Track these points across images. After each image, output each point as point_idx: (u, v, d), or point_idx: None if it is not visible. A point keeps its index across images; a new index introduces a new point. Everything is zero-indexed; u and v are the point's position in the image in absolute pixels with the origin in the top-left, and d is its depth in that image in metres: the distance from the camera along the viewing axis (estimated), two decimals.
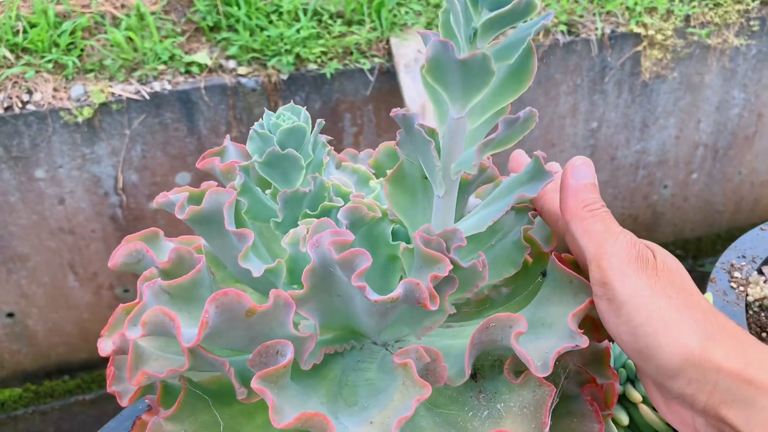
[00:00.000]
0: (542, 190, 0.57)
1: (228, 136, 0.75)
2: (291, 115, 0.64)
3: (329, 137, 0.69)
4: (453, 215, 0.59)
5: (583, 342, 0.54)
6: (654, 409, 0.73)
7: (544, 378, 0.56)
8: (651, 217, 3.26)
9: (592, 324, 0.62)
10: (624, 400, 0.75)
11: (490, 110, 0.53)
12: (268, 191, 0.69)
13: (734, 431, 0.45)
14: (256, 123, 0.64)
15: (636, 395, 0.72)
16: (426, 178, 0.60)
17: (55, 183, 2.46)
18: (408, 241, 0.61)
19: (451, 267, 0.52)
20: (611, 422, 0.68)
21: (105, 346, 0.59)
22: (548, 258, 0.67)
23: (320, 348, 0.59)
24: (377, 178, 0.77)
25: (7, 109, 2.35)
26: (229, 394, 0.62)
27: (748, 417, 0.44)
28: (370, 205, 0.60)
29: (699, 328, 0.47)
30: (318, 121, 0.64)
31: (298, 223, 0.63)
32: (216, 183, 0.64)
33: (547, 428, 0.54)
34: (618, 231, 0.52)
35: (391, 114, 0.54)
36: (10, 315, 2.65)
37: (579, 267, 0.66)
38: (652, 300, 0.48)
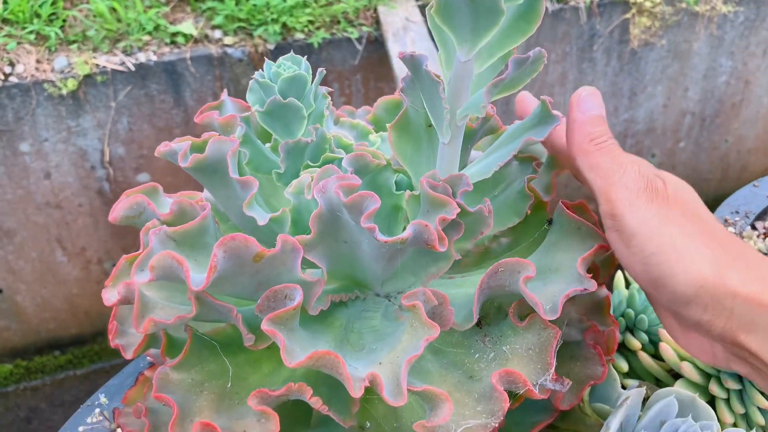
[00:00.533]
0: None
1: (225, 90, 0.74)
2: (292, 65, 0.63)
3: (329, 89, 0.68)
4: (458, 163, 0.59)
5: (592, 286, 0.54)
6: (652, 355, 0.74)
7: (548, 321, 0.57)
8: None
9: (593, 270, 0.63)
10: (623, 349, 0.76)
11: (498, 53, 0.52)
12: (268, 144, 0.68)
13: (753, 356, 0.46)
14: (256, 73, 0.63)
15: (635, 343, 0.73)
16: (431, 126, 0.60)
17: (40, 157, 2.43)
18: (412, 191, 0.61)
19: (459, 210, 0.52)
20: (612, 368, 0.68)
21: (110, 296, 0.58)
22: (547, 207, 0.67)
23: (327, 295, 0.59)
24: (376, 132, 0.77)
25: None
26: (234, 344, 0.63)
27: (766, 342, 0.44)
28: (374, 153, 0.59)
29: (713, 254, 0.46)
30: (319, 70, 0.64)
31: (300, 174, 0.63)
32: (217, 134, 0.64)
33: (553, 368, 0.54)
34: (626, 162, 0.52)
35: (398, 56, 0.53)
36: None
37: (586, 213, 0.66)
38: (663, 229, 0.48)
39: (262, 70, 0.63)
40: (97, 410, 0.71)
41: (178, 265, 0.50)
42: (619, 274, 0.82)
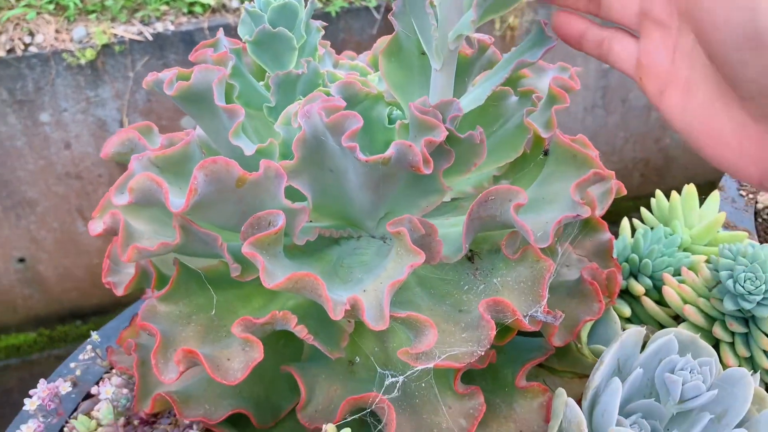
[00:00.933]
0: None
1: (221, 29, 0.73)
2: None
3: (324, 23, 0.67)
4: (451, 92, 0.57)
5: (585, 212, 0.52)
6: (656, 302, 0.72)
7: (542, 254, 0.55)
8: (662, 161, 3.21)
9: (589, 204, 0.61)
10: (626, 295, 0.74)
11: None
12: (261, 83, 0.67)
13: None
14: (246, 2, 0.62)
15: (639, 288, 0.71)
16: (424, 53, 0.58)
17: (60, 127, 2.45)
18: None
19: (446, 133, 0.51)
20: (613, 310, 0.66)
21: (95, 227, 0.58)
22: (546, 144, 0.65)
23: (315, 228, 0.58)
24: (375, 73, 0.75)
25: (9, 51, 2.33)
26: (225, 280, 0.62)
27: None
28: (364, 82, 0.58)
29: None
30: (311, 0, 0.62)
31: None
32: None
33: (545, 300, 0.53)
34: None
35: None
36: (21, 260, 2.67)
37: (587, 147, 0.64)
38: None
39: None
40: (89, 347, 0.70)
41: (157, 186, 0.49)
42: (624, 220, 0.80)
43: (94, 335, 0.70)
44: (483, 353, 0.50)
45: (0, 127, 2.46)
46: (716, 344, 0.66)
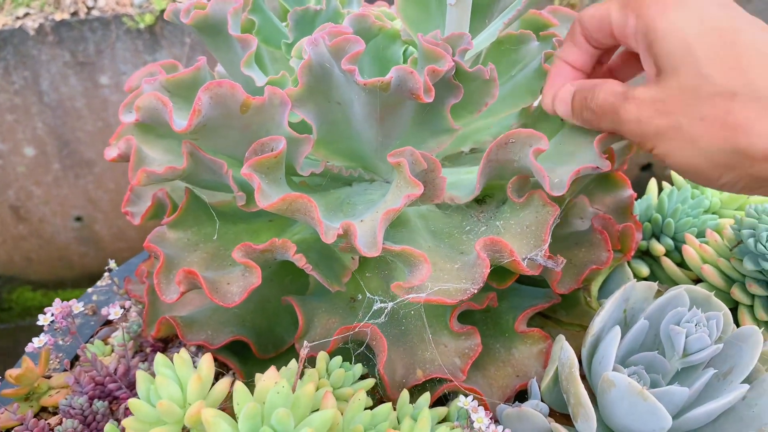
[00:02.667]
0: None
1: None
2: None
3: None
4: (467, 28, 0.56)
5: (605, 165, 0.51)
6: (678, 264, 0.69)
7: (549, 199, 0.54)
8: None
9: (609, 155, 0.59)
10: (646, 256, 0.71)
11: None
12: (285, 24, 0.67)
13: None
14: None
15: (659, 247, 0.69)
16: None
17: (119, 90, 2.52)
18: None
19: (453, 65, 0.50)
20: (627, 267, 0.64)
21: (110, 152, 0.59)
22: None
23: (321, 161, 0.58)
24: None
25: (73, 14, 2.40)
26: (234, 214, 0.63)
27: None
28: (378, 15, 0.57)
29: None
30: None
31: None
32: None
33: (546, 244, 0.51)
34: None
35: None
36: (79, 219, 2.77)
37: None
38: None
39: None
40: (106, 274, 0.72)
41: (162, 105, 0.50)
42: (652, 181, 0.77)
43: (112, 263, 0.72)
44: (477, 291, 0.49)
45: (62, 88, 2.55)
46: (735, 307, 0.64)
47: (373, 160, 0.61)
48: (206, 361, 0.45)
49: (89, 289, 0.74)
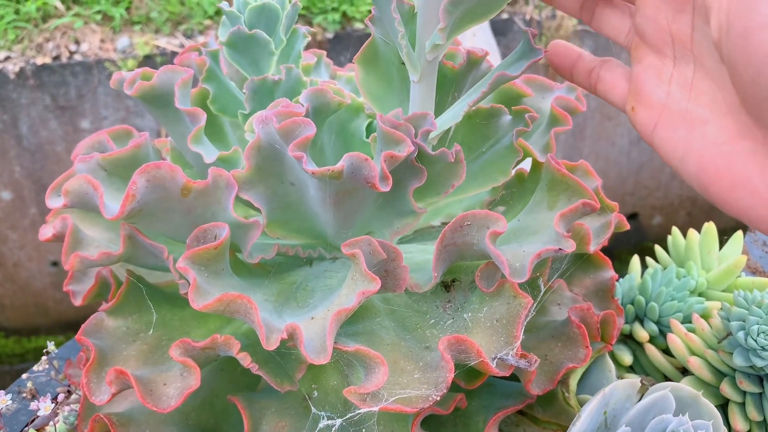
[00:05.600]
0: None
1: (214, 33, 0.69)
2: None
3: (311, 29, 0.63)
4: (432, 105, 0.52)
5: (569, 246, 0.46)
6: (663, 351, 0.64)
7: (520, 289, 0.49)
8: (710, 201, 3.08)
9: (582, 238, 0.55)
10: (629, 340, 0.67)
11: None
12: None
13: None
14: (224, 2, 0.58)
15: (642, 333, 0.64)
16: (404, 63, 0.53)
17: None
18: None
19: (413, 149, 0.45)
20: (608, 358, 0.59)
21: (45, 231, 0.54)
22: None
23: (273, 245, 0.54)
24: None
25: (55, 58, 2.38)
26: (183, 297, 0.57)
27: None
28: (337, 90, 0.53)
29: None
30: (293, 1, 0.58)
31: None
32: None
33: (518, 342, 0.46)
34: None
35: None
36: (55, 264, 2.70)
37: (588, 175, 0.59)
38: None
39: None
40: (44, 358, 0.67)
41: (93, 190, 0.45)
42: (635, 259, 0.73)
43: (51, 345, 0.66)
44: (440, 398, 0.44)
45: (41, 132, 2.51)
46: (725, 404, 0.59)
47: (333, 240, 0.57)
48: None
49: (24, 375, 0.68)
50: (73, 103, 2.44)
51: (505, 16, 2.49)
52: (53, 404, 0.55)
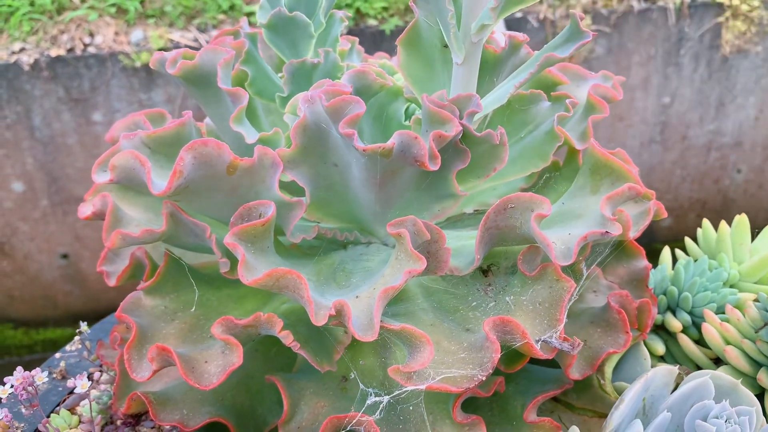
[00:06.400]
0: None
1: (245, 17, 0.70)
2: None
3: (348, 14, 0.63)
4: (474, 88, 0.52)
5: (615, 229, 0.46)
6: (695, 341, 0.64)
7: (563, 273, 0.49)
8: (721, 202, 3.07)
9: (624, 224, 0.55)
10: (661, 331, 0.66)
11: None
12: (280, 75, 0.63)
13: None
14: None
15: (676, 324, 0.64)
16: (446, 46, 0.53)
17: None
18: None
19: (460, 129, 0.45)
20: (643, 346, 0.59)
21: (84, 210, 0.54)
22: (580, 157, 0.59)
23: (314, 226, 0.54)
24: None
25: (69, 50, 2.38)
26: (219, 278, 0.57)
27: None
28: (379, 72, 0.53)
29: None
30: None
31: None
32: None
33: (562, 325, 0.46)
34: None
35: None
36: (65, 256, 2.71)
37: (625, 162, 0.58)
38: None
39: None
40: (77, 338, 0.67)
41: (140, 165, 0.45)
42: (666, 250, 0.73)
43: (83, 325, 0.66)
44: (485, 378, 0.44)
45: (54, 124, 2.52)
46: (761, 393, 0.58)
47: (370, 224, 0.57)
48: None
49: (57, 354, 0.68)
50: (86, 95, 2.45)
51: (518, 14, 2.49)
52: (89, 382, 0.55)
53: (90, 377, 0.63)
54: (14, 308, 2.88)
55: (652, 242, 2.86)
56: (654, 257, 0.77)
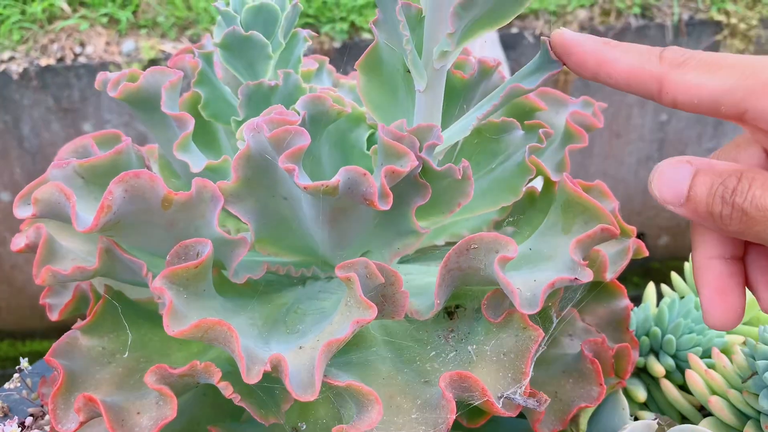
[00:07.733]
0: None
1: (209, 34, 0.66)
2: None
3: (313, 33, 0.59)
4: (438, 117, 0.48)
5: (586, 276, 0.42)
6: (679, 386, 0.60)
7: (530, 320, 0.45)
8: None
9: (598, 266, 0.51)
10: (644, 374, 0.62)
11: None
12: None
13: None
14: (220, 1, 0.54)
15: (658, 368, 0.60)
16: (409, 71, 0.49)
17: None
18: None
19: (417, 163, 0.41)
20: (622, 394, 0.55)
21: (18, 242, 0.50)
22: (556, 188, 0.55)
23: (263, 263, 0.49)
24: None
25: (59, 60, 2.35)
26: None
27: None
28: (337, 98, 0.49)
29: None
30: (294, 2, 0.54)
31: None
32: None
33: (527, 379, 0.42)
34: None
35: None
36: None
37: (605, 196, 0.55)
38: None
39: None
40: (16, 375, 0.63)
41: (65, 199, 0.41)
42: (650, 286, 0.69)
43: (24, 362, 0.62)
44: None
45: (43, 134, 2.48)
46: None
47: (329, 259, 0.53)
48: None
49: None
50: (76, 105, 2.41)
51: (514, 30, 2.46)
52: (20, 429, 0.51)
53: (22, 423, 0.58)
54: (0, 319, 2.84)
55: (649, 261, 2.82)
56: (651, 277, 0.73)
